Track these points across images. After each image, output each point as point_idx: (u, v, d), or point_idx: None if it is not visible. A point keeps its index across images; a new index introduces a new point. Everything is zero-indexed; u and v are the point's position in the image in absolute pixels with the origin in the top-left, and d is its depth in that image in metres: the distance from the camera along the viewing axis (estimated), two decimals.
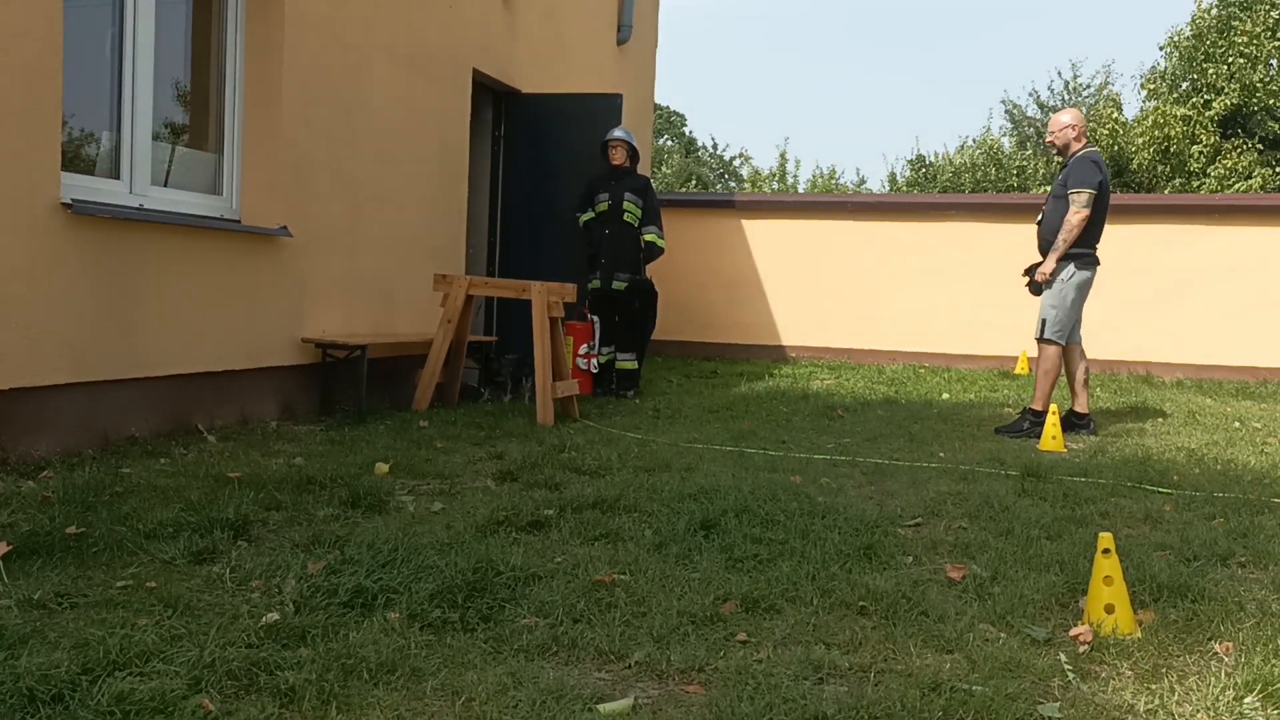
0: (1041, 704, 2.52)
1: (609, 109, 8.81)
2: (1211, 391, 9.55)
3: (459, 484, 4.75)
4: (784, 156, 34.09)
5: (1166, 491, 5.01)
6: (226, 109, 6.16)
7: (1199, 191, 22.18)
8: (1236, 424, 7.53)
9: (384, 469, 4.88)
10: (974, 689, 2.54)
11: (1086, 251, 6.92)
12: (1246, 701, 2.54)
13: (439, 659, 2.64)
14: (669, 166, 35.28)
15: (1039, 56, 61.97)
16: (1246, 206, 11.19)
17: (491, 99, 9.28)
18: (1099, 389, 9.20)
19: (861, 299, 11.78)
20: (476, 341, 8.19)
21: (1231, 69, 22.95)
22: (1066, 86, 30.48)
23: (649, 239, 8.57)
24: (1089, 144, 7.16)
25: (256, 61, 6.18)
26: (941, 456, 5.88)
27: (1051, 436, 6.37)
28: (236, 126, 6.17)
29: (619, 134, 8.53)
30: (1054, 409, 6.48)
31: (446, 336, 7.06)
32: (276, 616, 2.84)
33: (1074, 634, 2.96)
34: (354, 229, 6.97)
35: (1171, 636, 2.96)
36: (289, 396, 6.46)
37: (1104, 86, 29.52)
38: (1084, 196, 6.80)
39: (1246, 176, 22.30)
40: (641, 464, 5.30)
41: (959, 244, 11.55)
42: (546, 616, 2.97)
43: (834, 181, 34.31)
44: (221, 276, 5.83)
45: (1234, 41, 22.93)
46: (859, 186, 35.12)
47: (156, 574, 3.21)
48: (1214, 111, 23.05)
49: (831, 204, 12.66)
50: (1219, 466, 5.76)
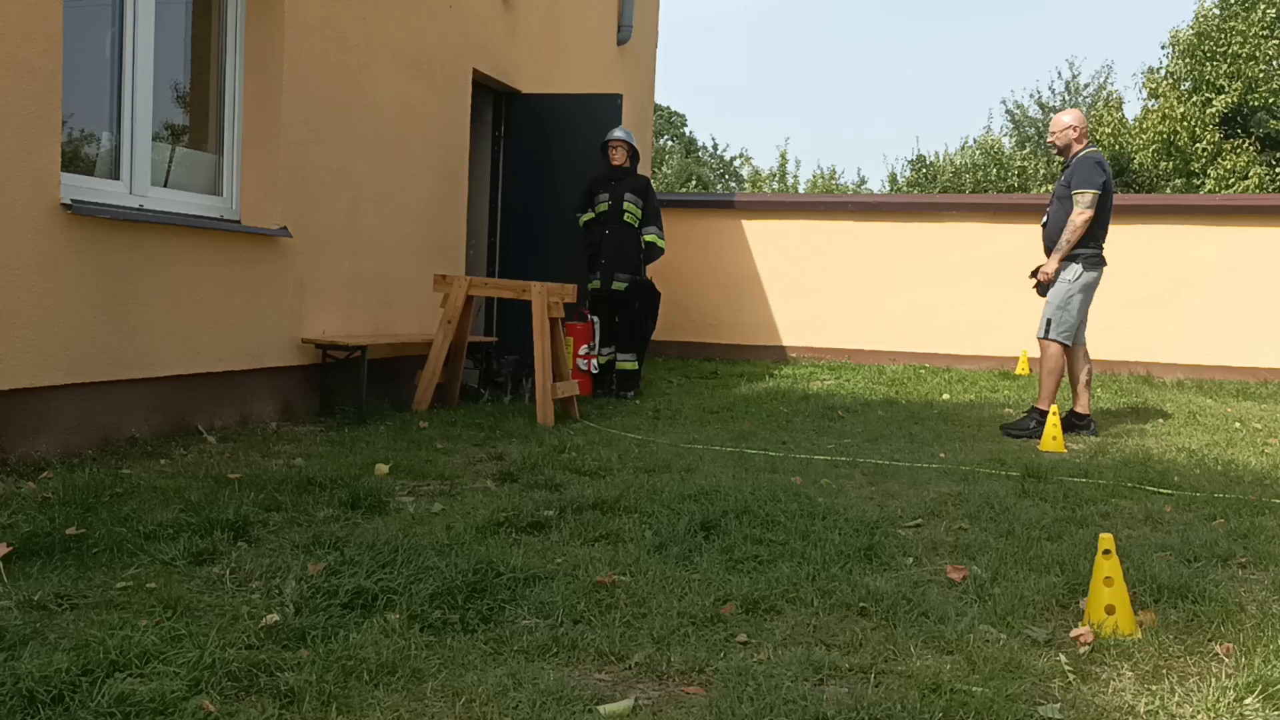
0: (1042, 705, 2.52)
1: (609, 109, 8.81)
2: (1212, 392, 9.55)
3: (459, 485, 4.75)
4: (784, 157, 34.12)
5: (1167, 492, 5.00)
6: (226, 109, 6.16)
7: (1200, 191, 22.18)
8: (1237, 424, 7.53)
9: (384, 470, 4.88)
10: (974, 690, 2.54)
11: (1092, 252, 6.92)
12: (1247, 703, 2.54)
13: (439, 660, 2.64)
14: (669, 167, 35.29)
15: (1040, 56, 62.05)
16: (1247, 206, 11.18)
17: (492, 99, 9.28)
18: (1099, 389, 9.20)
19: (862, 299, 11.78)
20: (476, 342, 8.19)
21: (1232, 68, 22.96)
22: (1067, 86, 30.49)
23: (649, 239, 8.57)
24: (1090, 144, 7.16)
25: (256, 62, 6.18)
26: (942, 457, 5.88)
27: (1052, 437, 6.37)
28: (236, 127, 6.17)
29: (619, 134, 8.53)
30: (1054, 409, 6.48)
31: (447, 337, 7.06)
32: (277, 617, 2.84)
33: (1074, 635, 2.96)
34: (354, 229, 6.97)
35: (1172, 637, 2.96)
36: (289, 397, 6.46)
37: (1104, 86, 29.52)
38: (1088, 197, 6.80)
39: (1244, 176, 22.30)
40: (642, 465, 5.30)
41: (960, 244, 11.55)
42: (547, 617, 2.97)
43: (834, 182, 34.32)
44: (221, 277, 5.83)
45: (1234, 40, 22.94)
46: (859, 187, 35.16)
47: (156, 575, 3.21)
48: (1215, 110, 23.05)
49: (832, 204, 12.66)
50: (1219, 467, 5.76)
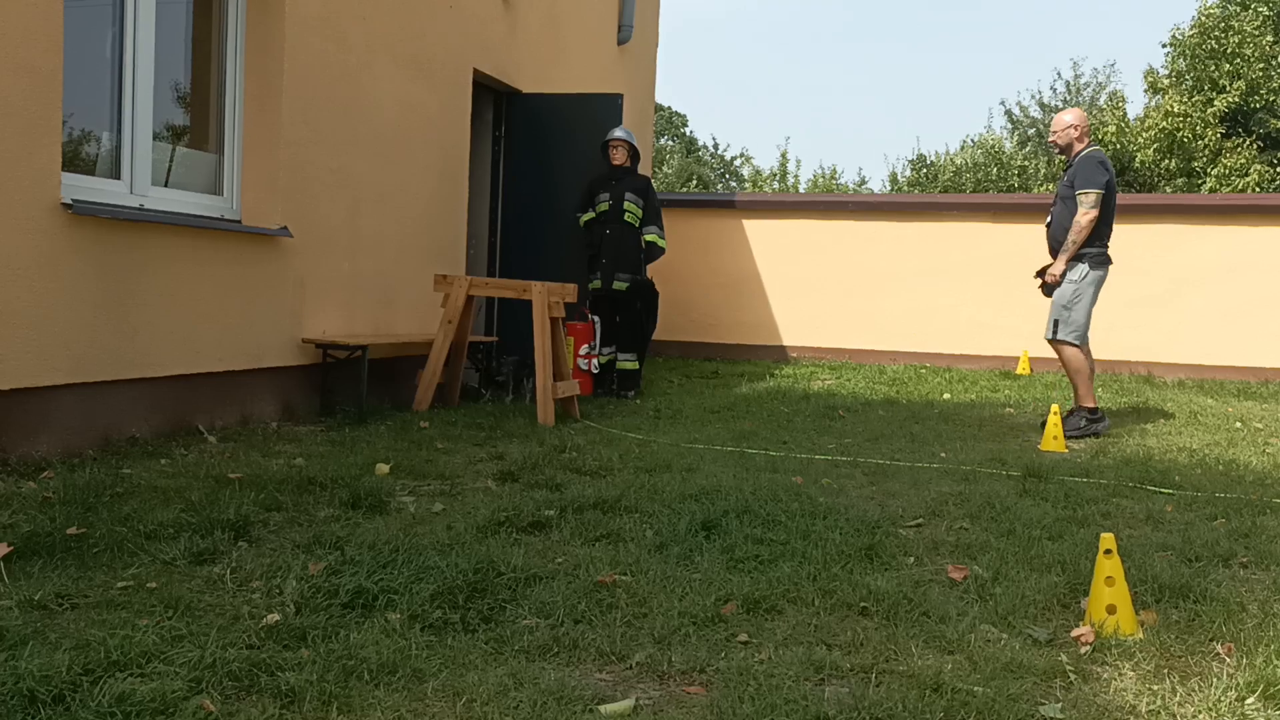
0: (1043, 705, 2.52)
1: (610, 109, 8.81)
2: (1213, 391, 9.54)
3: (460, 484, 4.75)
4: (785, 156, 34.08)
5: (1168, 492, 5.00)
6: (227, 109, 6.16)
7: (1202, 190, 22.18)
8: (1238, 424, 7.52)
9: (385, 470, 4.87)
10: (975, 690, 2.54)
11: (1099, 250, 6.91)
12: (1248, 702, 2.54)
13: (440, 660, 2.64)
14: (670, 166, 35.27)
15: (1041, 56, 62.04)
16: (1247, 206, 11.18)
17: (492, 99, 9.27)
18: (1100, 389, 9.19)
19: (862, 299, 11.77)
20: (477, 342, 8.19)
21: (1234, 66, 22.96)
22: (1068, 86, 30.48)
23: (650, 239, 8.57)
24: (1092, 143, 7.15)
25: (257, 61, 6.18)
26: (943, 457, 5.88)
27: (1053, 437, 6.37)
28: (237, 127, 6.17)
29: (620, 134, 8.53)
30: (1055, 409, 6.47)
31: (447, 337, 7.06)
32: (277, 617, 2.84)
33: (1076, 635, 2.96)
34: (354, 229, 6.97)
35: (1173, 637, 2.96)
36: (289, 397, 6.46)
37: (1104, 86, 29.51)
38: (1092, 197, 6.79)
39: (1244, 174, 22.30)
40: (642, 464, 5.29)
41: (960, 244, 11.54)
42: (547, 617, 2.97)
43: (835, 181, 34.29)
44: (222, 277, 5.83)
45: (1234, 39, 22.94)
46: (860, 186, 35.14)
47: (157, 575, 3.21)
48: (1216, 109, 23.06)
49: (832, 204, 12.65)
50: (1221, 467, 5.75)
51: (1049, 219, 7.17)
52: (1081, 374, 6.98)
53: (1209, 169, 22.79)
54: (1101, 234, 6.91)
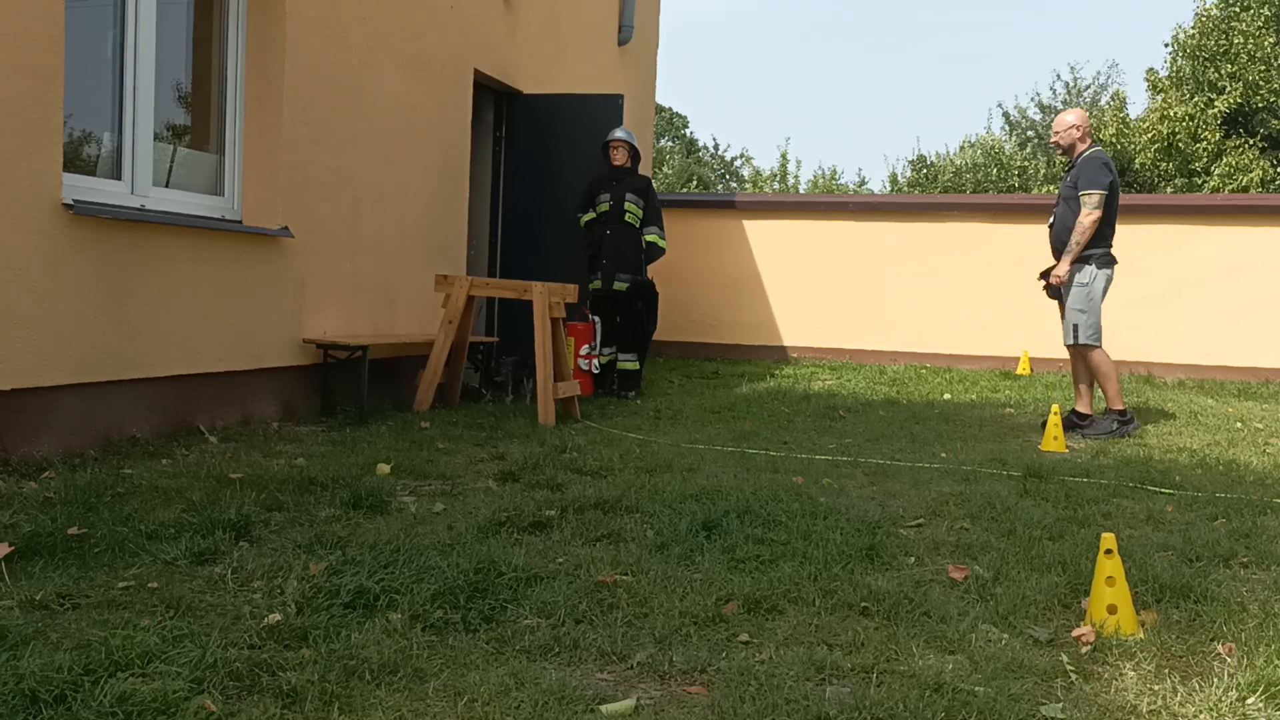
0: (1044, 705, 2.52)
1: (610, 109, 8.81)
2: (1213, 392, 9.54)
3: (460, 485, 4.75)
4: (785, 157, 34.10)
5: (1169, 492, 5.00)
6: (228, 110, 6.16)
7: (1202, 191, 22.18)
8: (1238, 424, 7.52)
9: (385, 470, 4.88)
10: (976, 690, 2.54)
11: (1104, 251, 6.90)
12: (1249, 702, 2.54)
13: (441, 660, 2.64)
14: (670, 167, 35.27)
15: (1042, 56, 62.04)
16: (1247, 206, 11.18)
17: (493, 99, 9.28)
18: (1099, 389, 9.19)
19: (863, 299, 11.77)
20: (478, 342, 8.19)
21: (1234, 67, 22.96)
22: (1068, 88, 30.48)
23: (650, 239, 8.57)
24: (1094, 143, 7.13)
25: (257, 62, 6.18)
26: (943, 457, 5.88)
27: (1053, 437, 6.36)
28: (238, 127, 6.17)
29: (620, 134, 8.53)
30: (1055, 409, 6.47)
31: (448, 337, 7.06)
32: (278, 617, 2.84)
33: (1076, 635, 2.96)
34: (355, 229, 6.97)
35: (1174, 637, 2.96)
36: (290, 397, 6.46)
37: (1105, 87, 29.52)
38: (1095, 197, 6.78)
39: (1246, 171, 22.30)
40: (643, 465, 5.29)
41: (960, 244, 11.54)
42: (548, 617, 2.97)
43: (835, 182, 34.31)
44: (223, 277, 5.83)
45: (1235, 40, 22.95)
46: (860, 187, 35.15)
47: (158, 575, 3.22)
48: (1217, 110, 23.06)
49: (833, 204, 12.65)
50: (1221, 467, 5.75)
51: (1052, 220, 7.15)
52: (1110, 377, 6.95)
53: (1212, 167, 22.79)
54: (1105, 235, 6.89)
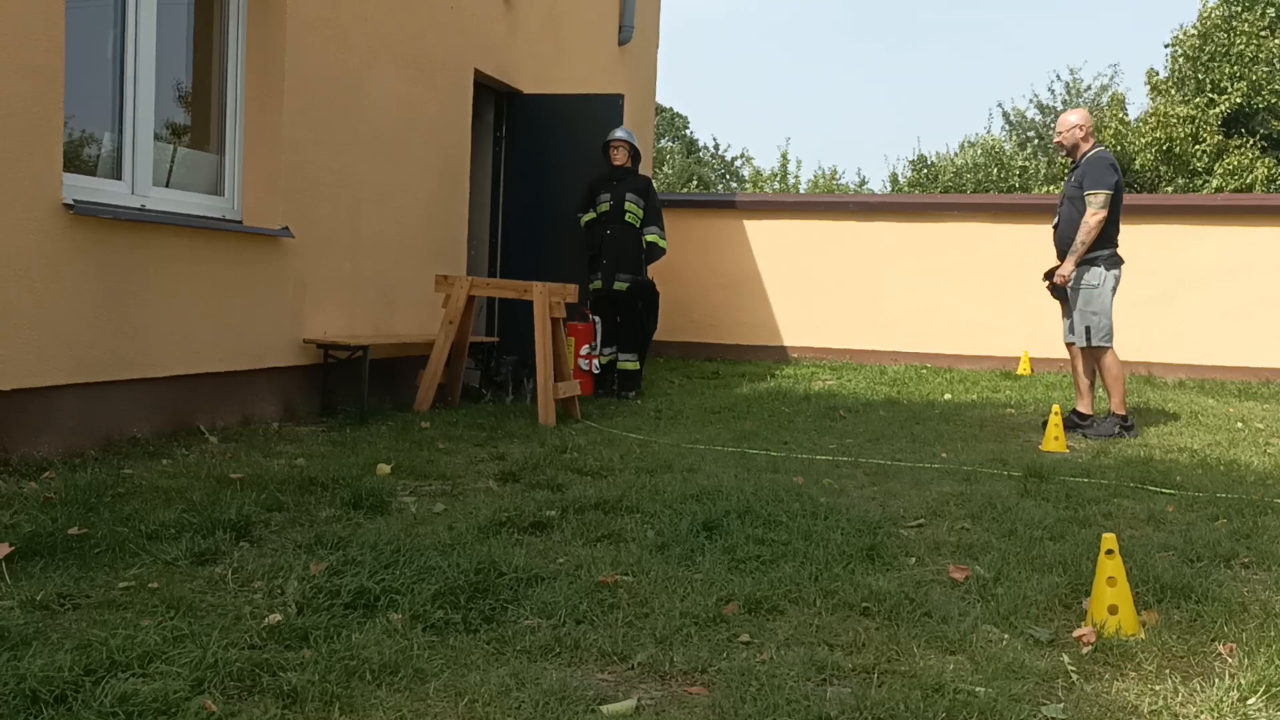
0: (1045, 705, 2.52)
1: (610, 109, 8.81)
2: (1214, 392, 9.54)
3: (461, 485, 4.75)
4: (785, 157, 34.11)
5: (1169, 492, 5.00)
6: (228, 110, 6.16)
7: (1202, 191, 22.18)
8: (1239, 424, 7.52)
9: (386, 470, 4.87)
10: (977, 690, 2.54)
11: (1110, 252, 6.88)
12: (1250, 703, 2.54)
13: (442, 660, 2.64)
14: (670, 167, 35.27)
15: (1042, 56, 62.05)
16: (1248, 207, 11.18)
17: (493, 99, 9.28)
18: (1101, 389, 9.19)
19: (863, 299, 11.77)
20: (478, 342, 8.19)
21: (1235, 68, 22.96)
22: (1068, 89, 30.46)
23: (651, 239, 8.57)
24: (1098, 143, 7.12)
25: (258, 62, 6.18)
26: (944, 457, 5.88)
27: (1054, 437, 6.36)
28: (238, 127, 6.17)
29: (620, 134, 8.53)
30: (1056, 409, 6.46)
31: (448, 337, 7.06)
32: (279, 617, 2.84)
33: (1077, 635, 2.96)
34: (355, 229, 6.97)
35: (1175, 637, 2.96)
36: (290, 397, 6.46)
37: (1105, 89, 29.48)
38: (1101, 197, 6.76)
39: (1249, 171, 22.30)
40: (643, 465, 5.29)
41: (960, 244, 11.54)
42: (549, 617, 2.97)
43: (835, 182, 34.31)
44: (223, 277, 5.83)
45: (1236, 40, 22.95)
46: (860, 187, 35.14)
47: (159, 575, 3.21)
48: (1218, 110, 23.06)
49: (833, 204, 12.65)
50: (1222, 467, 5.75)
51: (1056, 220, 7.13)
52: (1119, 381, 6.94)
53: (1214, 167, 22.79)
54: (1111, 235, 6.87)
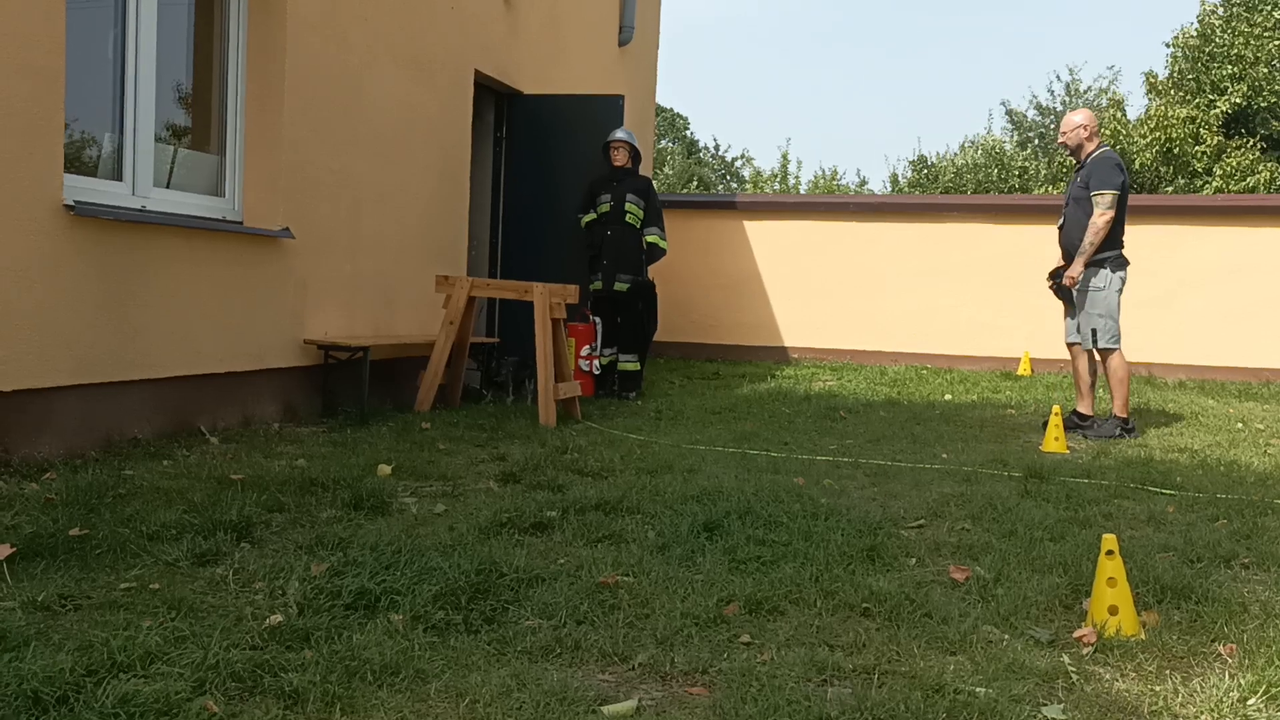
0: (1045, 705, 2.52)
1: (611, 110, 8.82)
2: (1214, 392, 9.54)
3: (461, 485, 4.76)
4: (786, 157, 34.15)
5: (1170, 493, 5.00)
6: (228, 110, 6.16)
7: (1203, 192, 22.18)
8: (1239, 425, 7.52)
9: (386, 470, 4.88)
10: (978, 690, 2.54)
11: (1117, 253, 6.87)
12: (1250, 703, 2.54)
13: (443, 661, 2.64)
14: (671, 168, 35.27)
15: (1042, 56, 62.05)
16: (1249, 207, 11.18)
17: (493, 100, 9.28)
18: (1102, 390, 9.19)
19: (863, 300, 11.78)
20: (478, 343, 8.19)
21: (1235, 69, 22.97)
22: (1067, 89, 30.47)
23: (651, 240, 8.57)
24: (1102, 143, 7.10)
25: (258, 63, 6.18)
26: (944, 458, 5.88)
27: (1054, 438, 6.36)
28: (238, 128, 6.18)
29: (621, 135, 8.54)
30: (1056, 410, 6.46)
31: (449, 338, 7.06)
32: (280, 618, 2.84)
33: (1078, 635, 2.96)
34: (356, 230, 6.98)
35: (1175, 638, 2.96)
36: (291, 398, 6.47)
37: (1105, 90, 29.50)
38: (1108, 198, 6.74)
39: (1251, 173, 22.30)
40: (644, 465, 5.30)
41: (961, 245, 11.55)
42: (550, 618, 2.97)
43: (835, 182, 34.31)
44: (224, 278, 5.83)
45: (1237, 41, 22.96)
46: (860, 188, 35.13)
47: (160, 576, 3.22)
48: (1218, 111, 23.06)
49: (833, 205, 12.65)
50: (1222, 468, 5.75)
51: (1061, 221, 7.11)
52: (1124, 384, 6.92)
53: (1213, 168, 22.79)
54: (1117, 236, 6.85)
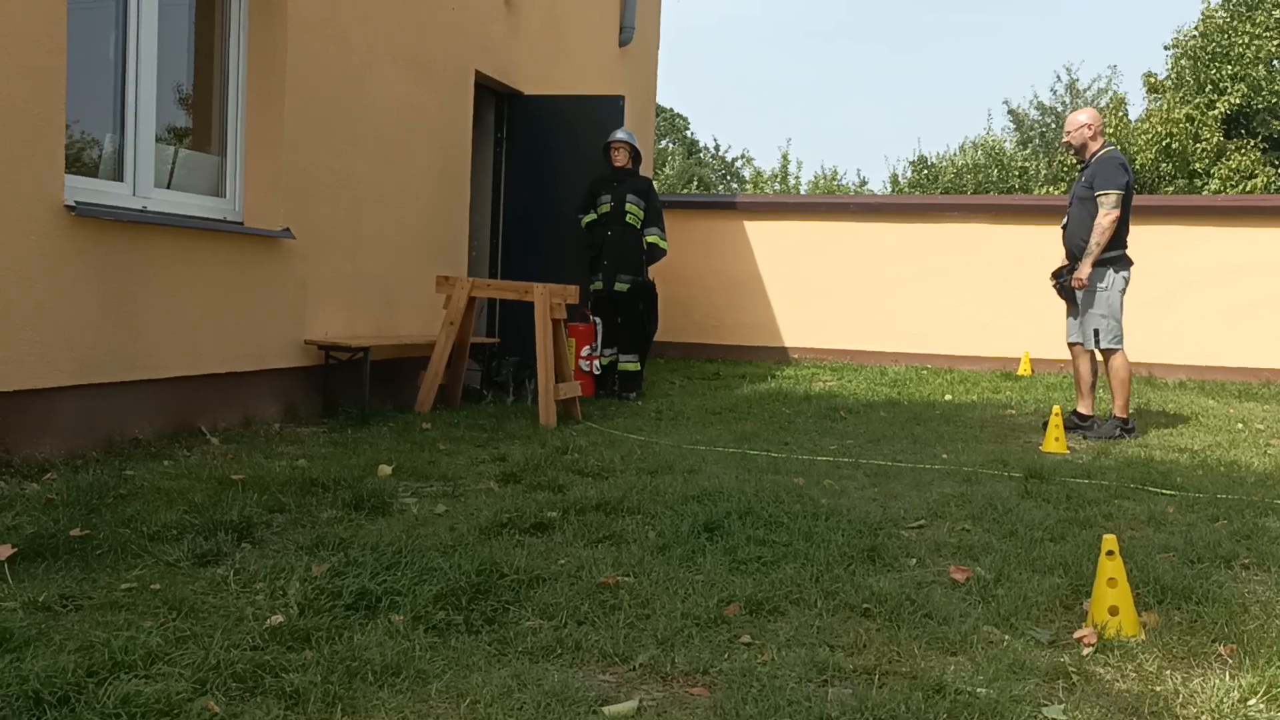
0: (1046, 706, 2.52)
1: (611, 110, 8.82)
2: (1214, 393, 9.54)
3: (462, 486, 4.76)
4: (786, 158, 34.15)
5: (1170, 493, 5.00)
6: (229, 111, 6.17)
7: (1203, 192, 22.18)
8: (1239, 425, 7.52)
9: (387, 471, 4.88)
10: (978, 691, 2.54)
11: (1120, 253, 6.86)
12: (1250, 704, 2.54)
13: (443, 661, 2.64)
14: (671, 168, 35.27)
15: (1043, 57, 62.06)
16: (1249, 207, 11.19)
17: (494, 100, 9.28)
18: (1102, 390, 9.19)
19: (863, 300, 11.78)
20: (479, 343, 8.19)
21: (1236, 69, 22.97)
22: (1069, 89, 30.47)
23: (651, 240, 8.57)
24: (1107, 143, 7.09)
25: (259, 63, 6.18)
26: (944, 458, 5.88)
27: (1054, 439, 6.36)
28: (239, 128, 6.18)
29: (621, 135, 8.54)
30: (1056, 410, 6.46)
31: (449, 338, 7.06)
32: (281, 619, 2.85)
33: (1078, 636, 2.96)
34: (356, 230, 6.98)
35: (1175, 638, 2.96)
36: (292, 398, 6.47)
37: (1105, 90, 29.50)
38: (1113, 197, 6.72)
39: (1249, 176, 22.31)
40: (644, 466, 5.30)
41: (961, 245, 11.55)
42: (551, 619, 2.97)
43: (836, 183, 34.31)
44: (224, 278, 5.83)
45: (1237, 41, 22.96)
46: (861, 188, 35.13)
47: (161, 576, 3.22)
48: (1218, 111, 23.06)
49: (833, 205, 12.65)
50: (1222, 468, 5.75)
51: (1065, 221, 7.09)
52: (1125, 385, 6.91)
53: (1212, 169, 22.80)
54: (1121, 236, 6.82)
